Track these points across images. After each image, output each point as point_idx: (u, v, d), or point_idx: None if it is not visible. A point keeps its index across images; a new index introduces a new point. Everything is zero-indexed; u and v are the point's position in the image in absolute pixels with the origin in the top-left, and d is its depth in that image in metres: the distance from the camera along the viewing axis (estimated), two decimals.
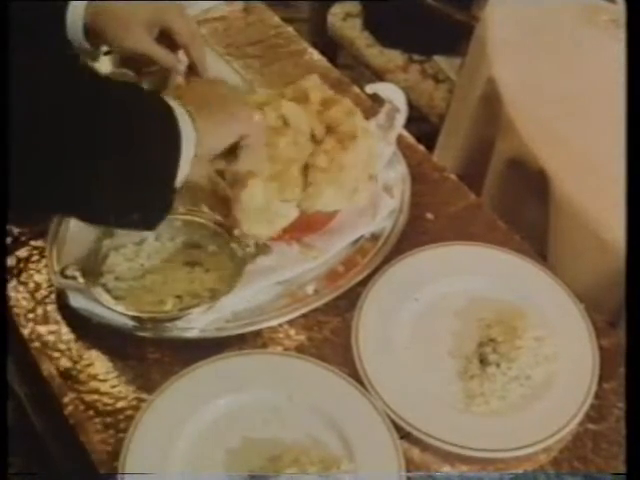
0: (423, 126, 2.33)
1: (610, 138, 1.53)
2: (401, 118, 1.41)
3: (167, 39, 1.26)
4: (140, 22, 1.21)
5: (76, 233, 1.34)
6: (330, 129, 1.26)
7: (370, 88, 1.41)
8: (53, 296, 1.28)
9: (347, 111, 1.28)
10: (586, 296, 1.31)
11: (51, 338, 1.23)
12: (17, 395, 1.43)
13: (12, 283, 1.28)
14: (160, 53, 1.24)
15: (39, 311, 1.26)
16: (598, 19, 1.95)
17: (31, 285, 1.30)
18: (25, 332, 1.24)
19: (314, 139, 1.26)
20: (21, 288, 1.29)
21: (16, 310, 1.26)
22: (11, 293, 1.27)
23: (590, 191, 1.58)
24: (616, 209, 1.41)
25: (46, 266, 1.30)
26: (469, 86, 1.99)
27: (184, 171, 1.01)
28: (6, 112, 0.87)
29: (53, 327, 1.25)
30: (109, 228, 1.28)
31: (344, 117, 1.27)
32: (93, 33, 1.23)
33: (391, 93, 1.39)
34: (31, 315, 1.26)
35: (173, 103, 1.01)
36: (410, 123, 1.47)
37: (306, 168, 1.25)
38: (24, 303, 1.27)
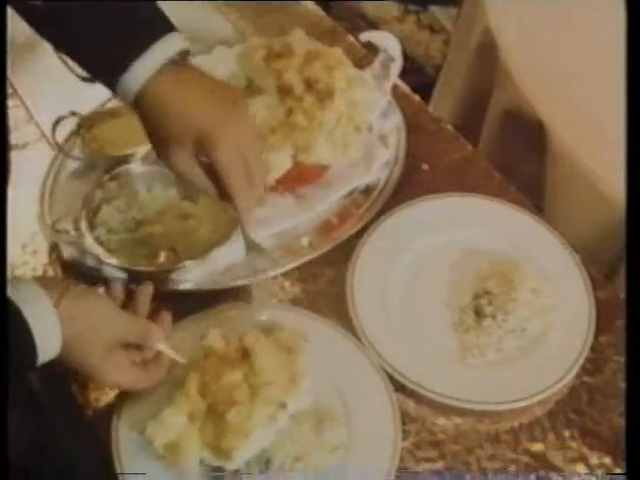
0: (419, 78, 2.31)
1: (609, 89, 1.51)
2: (396, 67, 1.39)
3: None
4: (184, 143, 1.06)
5: (67, 185, 1.33)
6: (309, 85, 1.25)
7: (364, 36, 1.39)
8: (45, 249, 1.27)
9: (329, 65, 1.27)
10: (582, 248, 1.30)
11: None
12: None
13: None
14: (199, 177, 1.09)
15: (31, 264, 1.26)
16: None
17: (24, 237, 1.29)
18: None
19: (293, 96, 1.25)
20: (13, 242, 1.28)
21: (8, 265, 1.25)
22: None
23: (587, 142, 1.57)
24: (613, 161, 1.40)
25: (39, 219, 1.29)
26: (465, 36, 1.96)
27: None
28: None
29: None
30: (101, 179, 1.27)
31: (324, 73, 1.25)
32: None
33: (386, 41, 1.37)
34: (23, 268, 1.25)
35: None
36: (406, 75, 1.45)
37: (286, 127, 1.24)
38: (15, 257, 1.26)
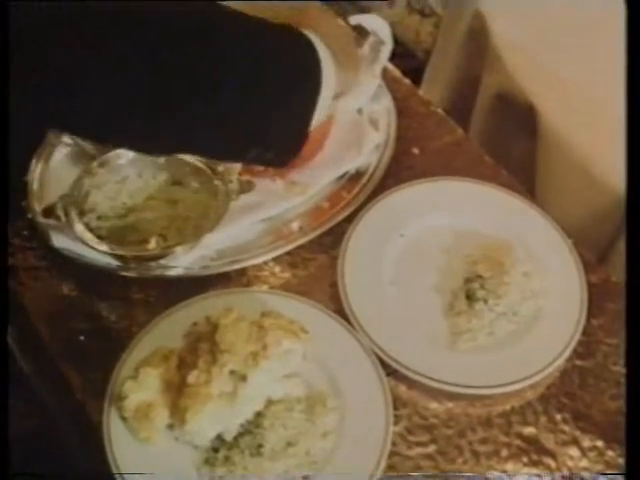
0: (409, 62, 2.31)
1: (602, 72, 1.51)
2: (386, 50, 1.38)
3: None
4: None
5: (56, 172, 1.32)
6: None
7: (354, 19, 1.38)
8: (35, 237, 1.26)
9: None
10: (574, 232, 1.29)
11: (34, 279, 1.22)
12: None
13: None
14: None
15: (19, 253, 1.25)
16: None
17: (17, 225, 1.28)
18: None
19: None
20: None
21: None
22: None
23: (579, 126, 1.57)
24: (605, 144, 1.40)
25: (28, 206, 1.28)
26: (456, 20, 1.96)
27: (321, 109, 0.97)
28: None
29: (36, 268, 1.24)
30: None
31: None
32: None
33: (375, 24, 1.37)
34: (13, 258, 1.24)
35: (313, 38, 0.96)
36: (396, 59, 1.45)
37: None
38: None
